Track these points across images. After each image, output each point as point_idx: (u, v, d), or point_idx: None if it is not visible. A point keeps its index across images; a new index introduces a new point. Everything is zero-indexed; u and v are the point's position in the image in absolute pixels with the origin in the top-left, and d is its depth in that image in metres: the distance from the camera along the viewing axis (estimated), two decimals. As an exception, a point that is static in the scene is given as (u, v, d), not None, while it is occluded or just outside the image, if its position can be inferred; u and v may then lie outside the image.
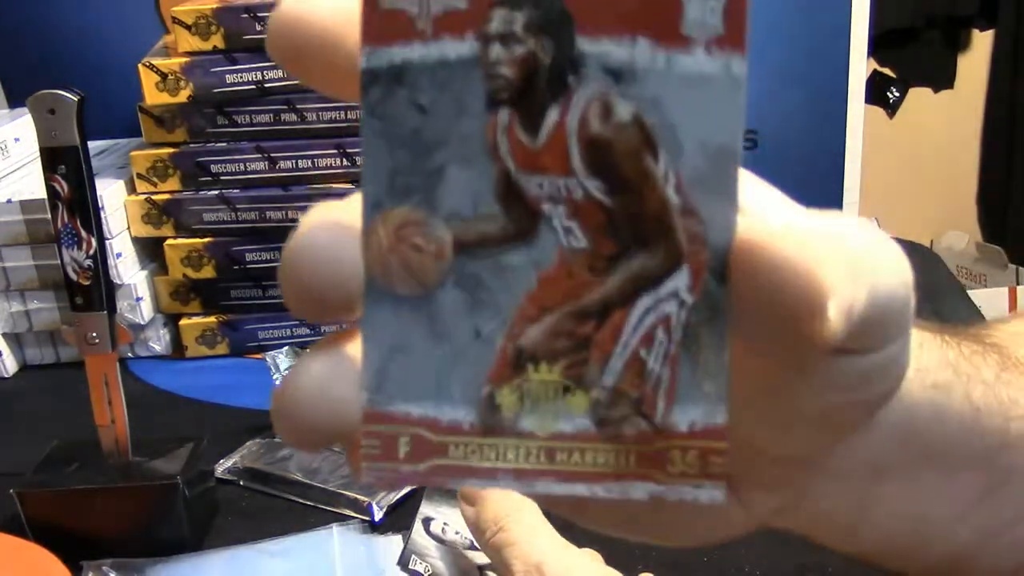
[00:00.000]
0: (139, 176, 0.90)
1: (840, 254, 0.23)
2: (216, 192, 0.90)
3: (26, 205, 0.87)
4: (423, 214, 0.23)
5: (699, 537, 0.33)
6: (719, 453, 0.23)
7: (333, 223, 0.23)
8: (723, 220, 0.22)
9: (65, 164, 0.61)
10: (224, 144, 0.89)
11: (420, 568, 0.50)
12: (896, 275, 0.26)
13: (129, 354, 0.93)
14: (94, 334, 0.63)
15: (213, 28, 0.86)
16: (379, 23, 0.22)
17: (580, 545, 0.49)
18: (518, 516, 0.50)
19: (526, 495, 0.27)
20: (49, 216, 0.62)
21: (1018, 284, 1.91)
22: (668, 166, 0.22)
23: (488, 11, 0.22)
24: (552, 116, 0.23)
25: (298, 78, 0.25)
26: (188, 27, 0.86)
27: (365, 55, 0.22)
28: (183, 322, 0.93)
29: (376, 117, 0.23)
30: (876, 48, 1.77)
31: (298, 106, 0.88)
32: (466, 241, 0.23)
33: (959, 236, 2.08)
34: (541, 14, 0.22)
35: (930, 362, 0.32)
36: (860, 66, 1.07)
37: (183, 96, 0.87)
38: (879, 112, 1.93)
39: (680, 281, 0.23)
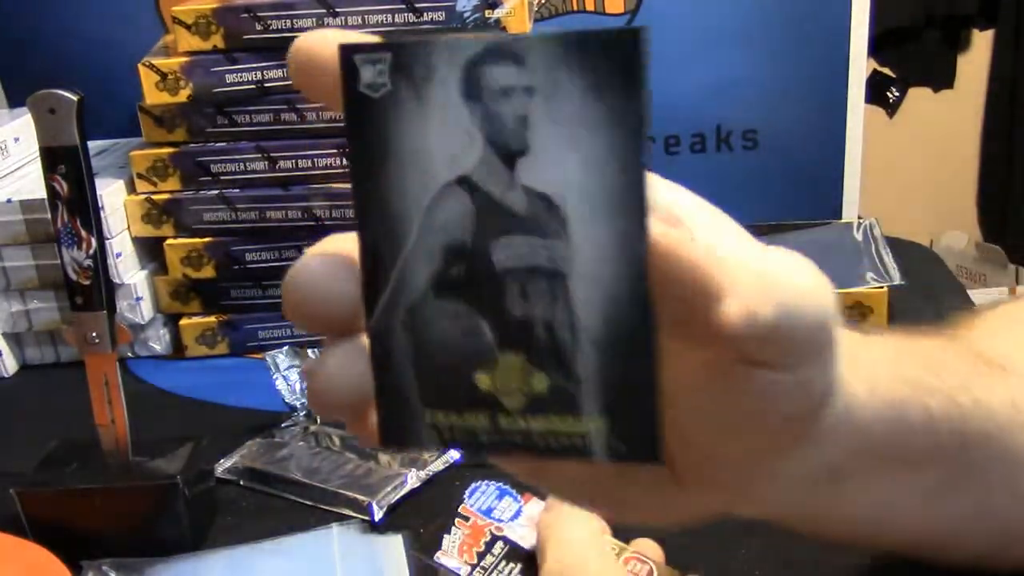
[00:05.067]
0: (139, 176, 0.90)
1: (750, 267, 0.28)
2: (216, 192, 0.90)
3: (26, 205, 0.87)
4: None
5: (653, 515, 0.37)
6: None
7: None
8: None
9: (65, 164, 0.61)
10: (224, 144, 0.89)
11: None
12: (810, 299, 0.29)
13: (129, 354, 0.93)
14: (94, 334, 0.63)
15: (213, 28, 0.86)
16: None
17: None
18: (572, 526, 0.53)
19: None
20: (49, 216, 0.62)
21: (1018, 284, 1.91)
22: None
23: None
24: None
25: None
26: (188, 27, 0.86)
27: None
28: (183, 322, 0.93)
29: None
30: (876, 48, 1.77)
31: (298, 106, 0.88)
32: None
33: (959, 236, 2.08)
34: None
35: (883, 379, 0.35)
36: (860, 66, 1.07)
37: (183, 96, 0.87)
38: (879, 112, 1.93)
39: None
